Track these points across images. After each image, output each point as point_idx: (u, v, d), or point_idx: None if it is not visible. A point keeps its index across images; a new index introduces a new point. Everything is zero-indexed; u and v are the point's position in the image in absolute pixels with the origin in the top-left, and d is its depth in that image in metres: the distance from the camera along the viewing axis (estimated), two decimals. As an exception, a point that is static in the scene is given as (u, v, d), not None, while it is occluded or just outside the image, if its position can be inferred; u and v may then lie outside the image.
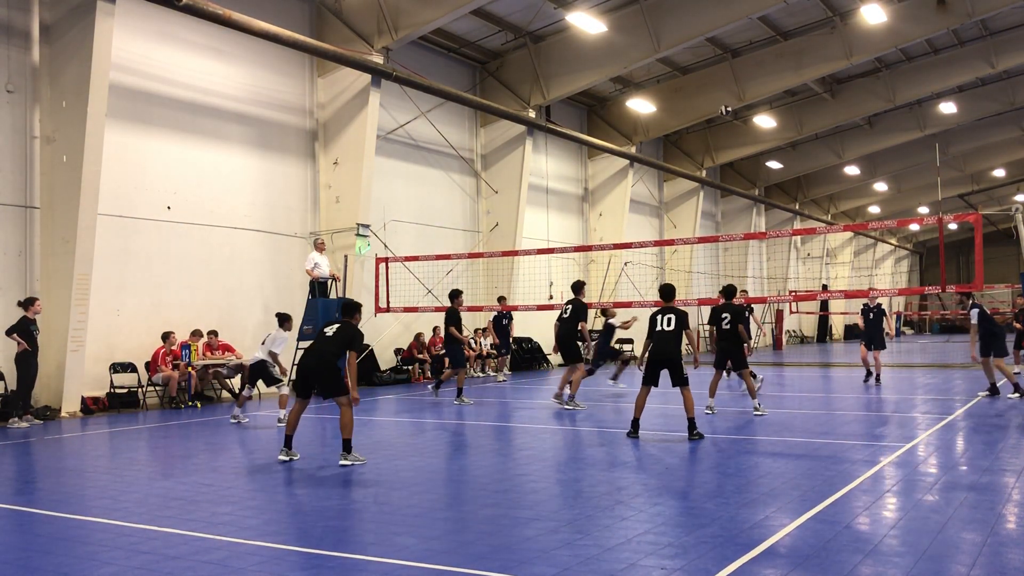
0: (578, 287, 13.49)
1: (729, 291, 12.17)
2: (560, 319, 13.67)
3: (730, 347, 11.95)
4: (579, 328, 13.00)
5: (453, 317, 14.77)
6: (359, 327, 8.79)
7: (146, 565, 4.97)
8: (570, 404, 12.95)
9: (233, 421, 11.84)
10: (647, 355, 9.93)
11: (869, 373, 16.46)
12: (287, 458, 8.57)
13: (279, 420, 11.59)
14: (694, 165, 30.63)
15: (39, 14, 13.24)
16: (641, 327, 14.62)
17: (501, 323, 19.60)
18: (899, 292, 17.59)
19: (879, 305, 16.37)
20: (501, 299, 19.08)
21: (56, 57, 13.14)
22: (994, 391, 13.60)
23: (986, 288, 25.02)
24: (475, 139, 22.60)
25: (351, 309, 8.84)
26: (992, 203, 44.26)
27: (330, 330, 8.61)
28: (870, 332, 16.25)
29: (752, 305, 16.46)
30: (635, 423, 9.82)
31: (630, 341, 25.43)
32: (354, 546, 5.31)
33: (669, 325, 9.86)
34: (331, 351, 8.43)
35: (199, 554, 5.16)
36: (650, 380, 9.86)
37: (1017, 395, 13.14)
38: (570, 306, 13.26)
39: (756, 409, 11.77)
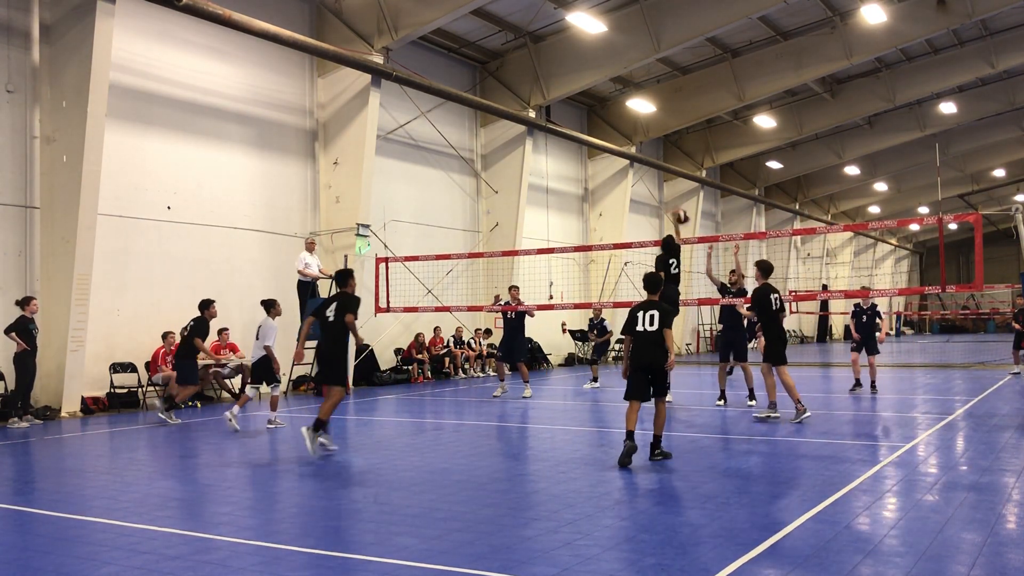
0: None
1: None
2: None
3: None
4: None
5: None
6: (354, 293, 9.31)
7: (146, 565, 4.97)
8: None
9: (229, 423, 10.87)
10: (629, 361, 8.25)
11: (859, 382, 14.78)
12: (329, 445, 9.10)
13: (269, 422, 11.31)
14: (694, 165, 30.64)
15: (39, 14, 13.23)
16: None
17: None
18: (899, 292, 17.47)
19: (873, 306, 14.77)
20: (513, 288, 15.82)
21: (56, 57, 13.14)
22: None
23: (986, 288, 25.01)
24: (475, 139, 22.60)
25: (344, 277, 9.35)
26: (992, 203, 44.28)
27: (331, 312, 9.04)
28: (863, 336, 14.62)
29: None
30: (629, 434, 8.00)
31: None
32: (354, 546, 5.31)
33: (652, 324, 8.13)
34: (340, 332, 8.98)
35: (199, 554, 5.16)
36: (636, 393, 8.11)
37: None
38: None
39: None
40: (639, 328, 8.20)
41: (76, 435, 11.03)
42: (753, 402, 12.69)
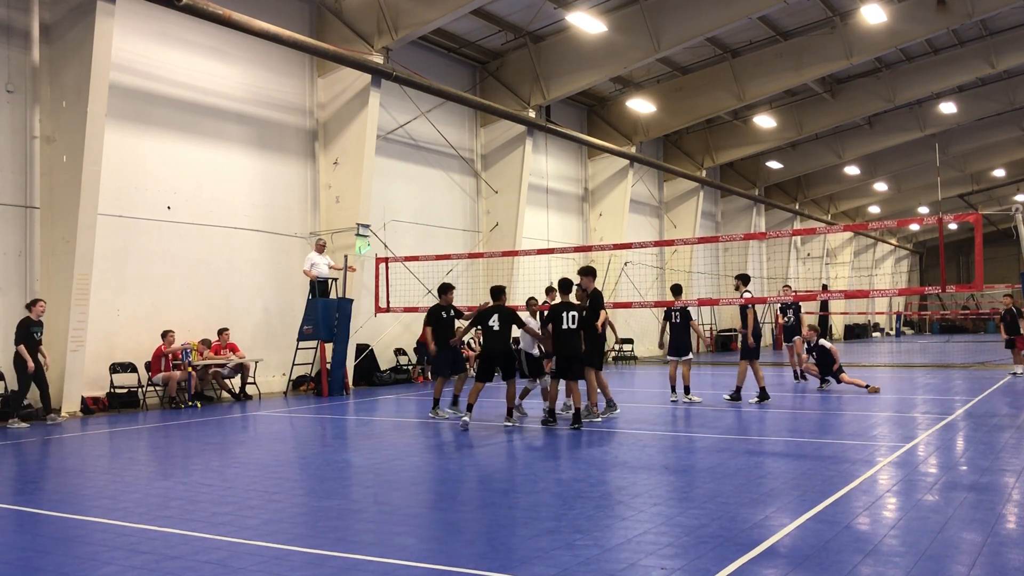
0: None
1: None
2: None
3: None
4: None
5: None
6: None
7: (146, 565, 4.97)
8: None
9: (512, 422, 10.90)
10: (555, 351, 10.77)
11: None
12: (467, 417, 10.67)
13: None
14: (694, 165, 30.63)
15: (39, 14, 13.24)
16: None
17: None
18: (899, 292, 17.50)
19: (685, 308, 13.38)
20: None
21: (56, 57, 13.13)
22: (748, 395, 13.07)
23: (986, 288, 25.01)
24: (475, 139, 22.59)
25: (498, 292, 11.00)
26: (992, 203, 44.28)
27: (495, 323, 10.63)
28: (677, 338, 13.42)
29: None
30: (551, 411, 11.11)
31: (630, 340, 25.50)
32: (354, 546, 5.31)
33: (573, 323, 10.57)
34: (504, 338, 10.73)
35: (199, 554, 5.16)
36: (561, 374, 10.83)
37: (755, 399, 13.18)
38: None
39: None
40: (564, 327, 10.53)
41: (76, 435, 11.03)
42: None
